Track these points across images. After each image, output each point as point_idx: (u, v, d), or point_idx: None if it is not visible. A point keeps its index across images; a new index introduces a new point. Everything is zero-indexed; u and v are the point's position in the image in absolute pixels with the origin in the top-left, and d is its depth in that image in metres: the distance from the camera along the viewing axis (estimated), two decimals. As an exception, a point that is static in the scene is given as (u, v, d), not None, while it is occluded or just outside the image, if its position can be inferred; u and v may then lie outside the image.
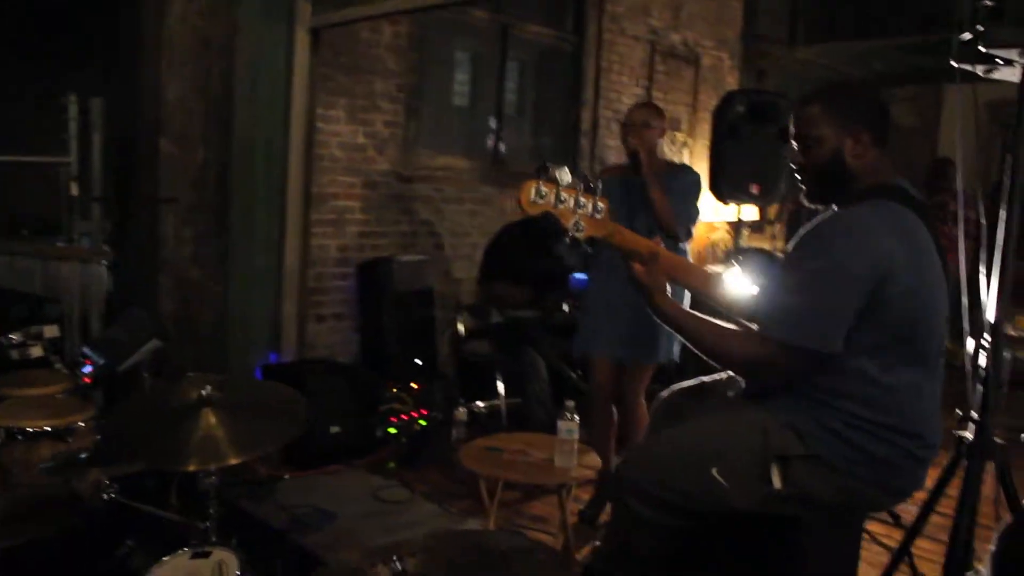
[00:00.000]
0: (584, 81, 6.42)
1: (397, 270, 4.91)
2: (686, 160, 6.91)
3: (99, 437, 2.55)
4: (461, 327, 5.31)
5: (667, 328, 2.21)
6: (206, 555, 2.04)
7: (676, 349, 3.63)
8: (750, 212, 6.64)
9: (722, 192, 5.28)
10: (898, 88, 8.17)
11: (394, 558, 1.44)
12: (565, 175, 2.16)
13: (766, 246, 6.98)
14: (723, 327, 2.17)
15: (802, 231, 2.11)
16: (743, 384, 2.27)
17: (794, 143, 2.17)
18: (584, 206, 2.15)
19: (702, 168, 4.53)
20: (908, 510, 2.79)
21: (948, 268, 2.11)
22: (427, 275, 5.19)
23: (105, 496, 2.19)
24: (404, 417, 4.48)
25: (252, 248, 4.52)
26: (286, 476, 4.01)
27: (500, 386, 4.91)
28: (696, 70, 7.20)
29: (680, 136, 7.11)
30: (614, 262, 3.52)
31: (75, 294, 3.75)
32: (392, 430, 4.43)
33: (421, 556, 1.46)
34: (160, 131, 4.32)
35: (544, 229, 4.69)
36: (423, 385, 4.66)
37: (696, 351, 2.14)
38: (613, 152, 6.56)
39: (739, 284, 2.38)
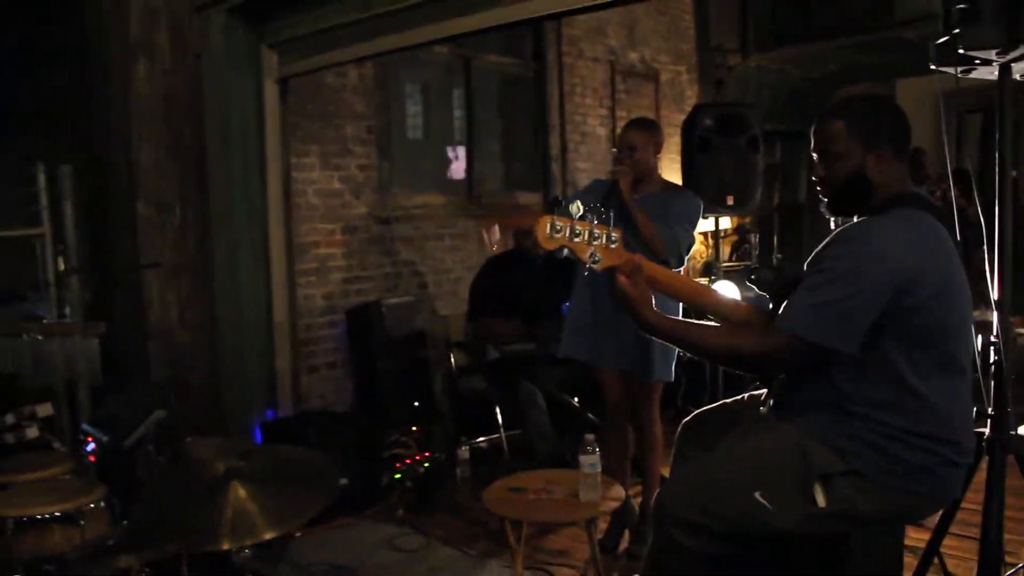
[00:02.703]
0: (549, 106, 6.45)
1: (387, 314, 4.87)
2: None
3: (126, 522, 2.48)
4: (454, 364, 5.27)
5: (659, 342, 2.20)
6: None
7: (670, 369, 3.61)
8: (724, 223, 6.71)
9: (699, 205, 5.31)
10: (851, 85, 8.33)
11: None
12: (577, 207, 2.16)
13: (737, 255, 7.04)
14: (723, 327, 2.20)
15: (830, 235, 2.12)
16: (771, 402, 2.27)
17: (815, 156, 2.19)
18: (599, 237, 2.15)
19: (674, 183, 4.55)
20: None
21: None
22: (416, 316, 5.16)
23: (137, 583, 2.12)
24: (408, 461, 4.42)
25: (239, 305, 4.45)
26: (297, 534, 3.92)
27: (499, 420, 4.88)
28: (656, 86, 7.27)
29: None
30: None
31: (66, 370, 3.65)
32: (397, 476, 4.37)
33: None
34: (136, 195, 4.25)
35: (530, 260, 4.71)
36: (423, 427, 4.61)
37: (696, 356, 2.16)
38: (584, 175, 6.59)
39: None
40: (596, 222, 2.16)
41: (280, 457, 2.29)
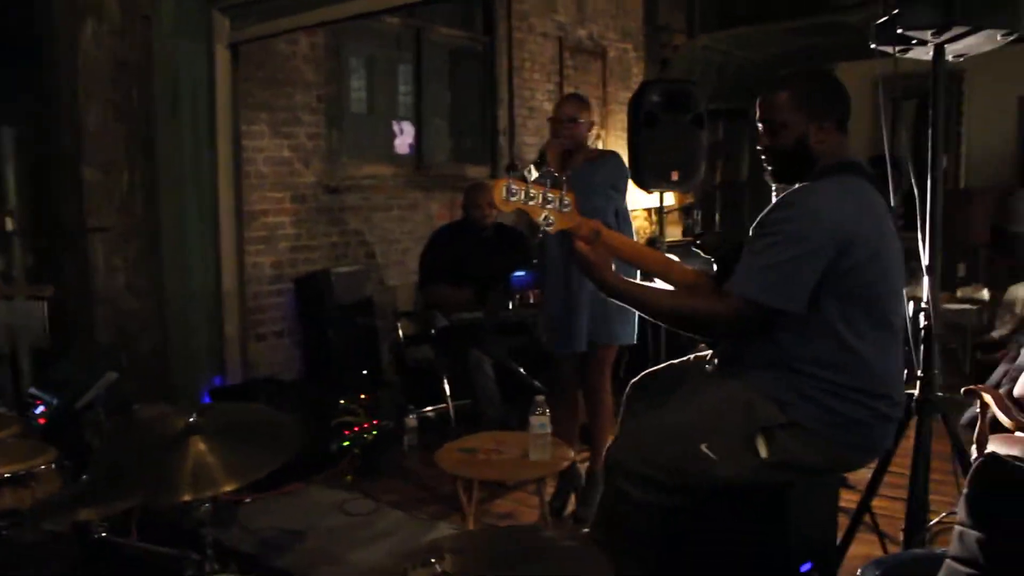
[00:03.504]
0: (498, 80, 6.49)
1: (336, 282, 4.88)
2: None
3: (85, 476, 2.48)
4: (401, 334, 5.31)
5: (619, 304, 2.29)
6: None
7: (633, 332, 3.71)
8: (668, 199, 6.83)
9: (644, 180, 5.40)
10: (793, 67, 8.51)
11: (432, 560, 1.46)
12: (532, 172, 2.23)
13: (680, 231, 7.18)
14: (679, 291, 2.30)
15: (772, 203, 2.22)
16: (716, 361, 2.37)
17: (760, 126, 2.28)
18: (552, 201, 2.22)
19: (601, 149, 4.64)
20: (857, 472, 2.95)
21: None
22: (364, 285, 5.18)
23: (96, 536, 2.14)
24: (356, 429, 4.46)
25: (187, 272, 4.41)
26: (246, 499, 3.94)
27: (446, 389, 4.95)
28: (603, 63, 7.35)
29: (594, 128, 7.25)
30: (560, 256, 3.61)
31: (11, 333, 3.60)
32: (346, 443, 4.41)
33: (455, 557, 1.50)
34: (82, 158, 4.18)
35: (475, 230, 4.76)
36: (371, 395, 4.64)
37: (653, 318, 2.25)
38: (532, 149, 6.64)
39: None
40: (550, 185, 2.24)
41: (238, 414, 2.31)
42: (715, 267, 2.41)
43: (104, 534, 2.16)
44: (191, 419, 2.14)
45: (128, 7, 4.29)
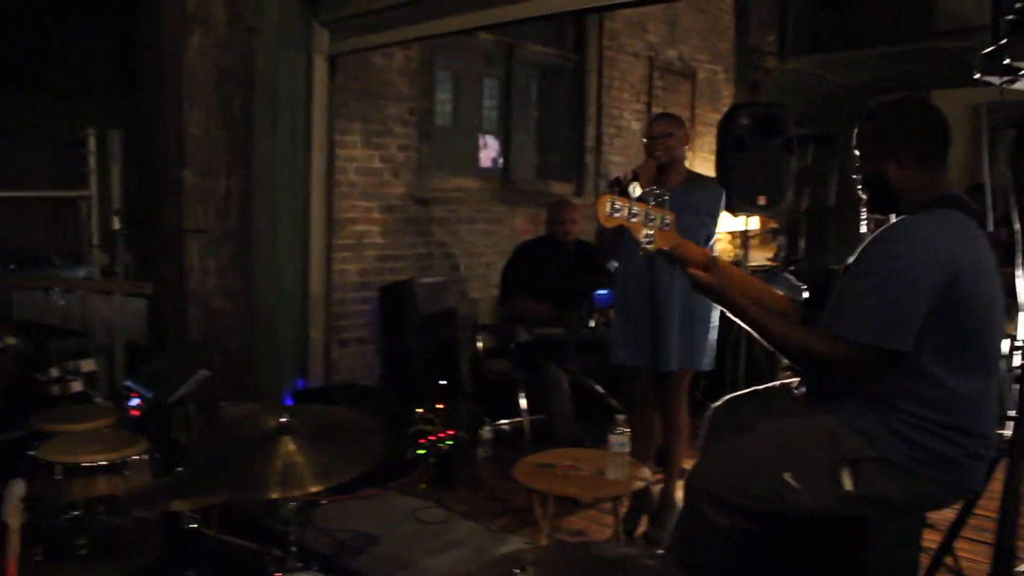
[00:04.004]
0: (587, 98, 6.52)
1: (419, 292, 4.96)
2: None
3: (180, 469, 2.58)
4: (480, 346, 5.36)
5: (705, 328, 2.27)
6: (296, 581, 2.07)
7: (711, 360, 3.69)
8: (754, 222, 6.75)
9: (731, 203, 5.35)
10: (885, 93, 8.34)
11: (515, 570, 1.48)
12: (636, 188, 2.25)
13: (769, 256, 7.08)
14: (795, 324, 2.27)
15: (868, 238, 2.19)
16: (804, 389, 2.34)
17: (856, 153, 2.26)
18: (654, 219, 2.23)
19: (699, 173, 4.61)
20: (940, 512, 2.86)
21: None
22: (448, 296, 5.25)
23: (186, 526, 2.22)
24: (432, 438, 4.51)
25: (277, 275, 4.55)
26: (323, 501, 4.02)
27: (523, 403, 4.97)
28: (693, 84, 7.32)
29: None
30: (648, 274, 3.60)
31: (114, 328, 3.76)
32: (422, 451, 4.46)
33: (536, 569, 1.51)
34: (184, 163, 4.36)
35: (558, 246, 4.79)
36: (448, 405, 4.70)
37: (767, 343, 2.22)
38: (617, 168, 6.65)
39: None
40: (653, 203, 2.24)
41: (327, 417, 2.37)
42: (806, 294, 2.39)
43: (194, 525, 2.23)
44: (283, 419, 2.21)
45: (234, 18, 4.46)
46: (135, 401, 3.18)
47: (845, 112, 8.45)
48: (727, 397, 2.61)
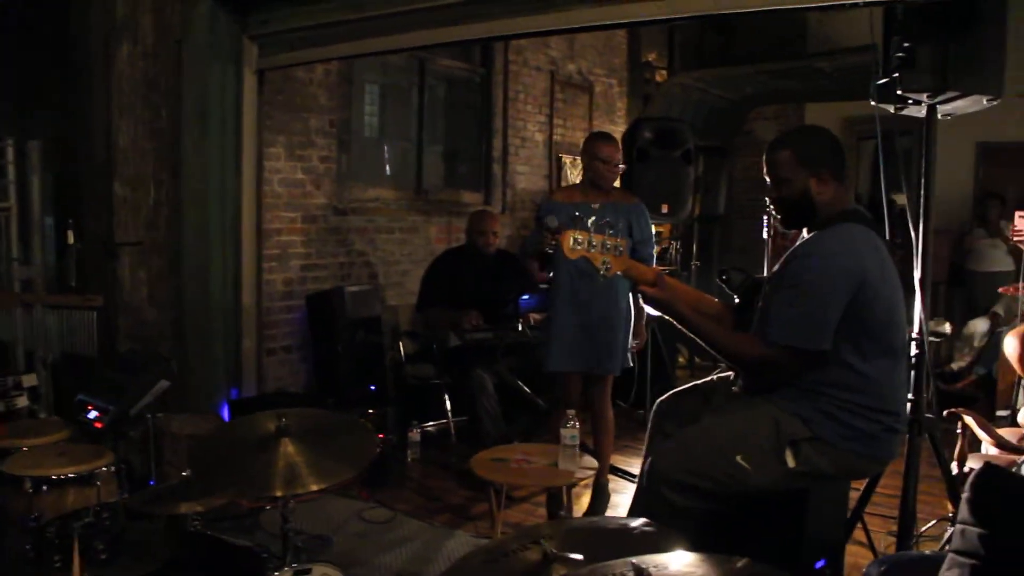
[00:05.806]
0: (493, 111, 6.78)
1: (348, 300, 5.08)
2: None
3: (186, 472, 2.66)
4: (403, 352, 5.53)
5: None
6: (307, 572, 2.23)
7: (630, 358, 4.03)
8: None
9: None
10: (765, 107, 8.98)
11: (540, 541, 1.70)
12: (593, 223, 2.54)
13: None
14: (733, 332, 2.60)
15: (788, 252, 2.54)
16: (742, 381, 2.67)
17: (767, 179, 2.60)
18: (610, 248, 2.53)
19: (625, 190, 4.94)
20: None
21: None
22: (373, 303, 5.39)
23: (190, 528, 2.33)
24: (365, 441, 4.65)
25: (207, 286, 4.58)
26: (267, 507, 4.10)
27: (448, 405, 5.19)
28: (590, 97, 7.69)
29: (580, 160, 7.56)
30: (577, 286, 3.89)
31: (63, 341, 3.75)
32: (356, 454, 4.59)
33: (554, 542, 1.74)
34: (113, 173, 4.35)
35: (478, 256, 5.01)
36: (377, 410, 4.87)
37: (707, 347, 2.56)
38: (522, 178, 6.95)
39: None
40: (609, 232, 2.55)
41: (322, 420, 2.52)
42: (736, 300, 2.74)
43: (199, 526, 2.35)
44: (281, 422, 2.36)
45: (162, 29, 4.48)
46: (95, 414, 3.21)
47: (729, 123, 9.05)
48: (670, 393, 2.92)
